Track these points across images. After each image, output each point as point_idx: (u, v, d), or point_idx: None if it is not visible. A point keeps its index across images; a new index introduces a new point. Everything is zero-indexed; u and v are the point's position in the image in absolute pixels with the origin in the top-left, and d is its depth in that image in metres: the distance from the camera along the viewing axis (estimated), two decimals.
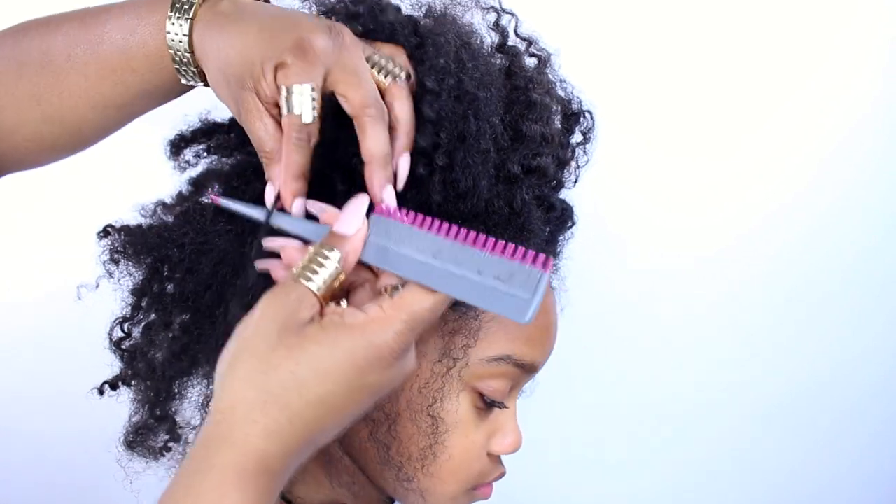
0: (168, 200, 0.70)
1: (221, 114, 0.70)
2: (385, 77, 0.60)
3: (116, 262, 0.70)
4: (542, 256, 0.52)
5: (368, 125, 0.57)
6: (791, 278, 1.42)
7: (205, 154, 0.71)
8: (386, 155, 0.58)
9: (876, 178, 1.41)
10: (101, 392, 0.73)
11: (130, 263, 0.70)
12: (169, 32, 0.62)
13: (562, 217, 0.72)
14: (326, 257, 0.54)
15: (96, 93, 0.66)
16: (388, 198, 0.57)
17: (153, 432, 0.71)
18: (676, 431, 1.43)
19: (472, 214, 0.64)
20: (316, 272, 0.53)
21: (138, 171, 0.77)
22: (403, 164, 0.59)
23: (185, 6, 0.61)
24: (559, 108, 0.71)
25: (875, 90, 1.39)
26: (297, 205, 0.58)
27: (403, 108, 0.60)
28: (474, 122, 0.62)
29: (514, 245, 0.52)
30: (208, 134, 0.71)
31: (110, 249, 0.70)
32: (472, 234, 0.53)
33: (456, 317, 0.66)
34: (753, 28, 1.34)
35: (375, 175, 0.57)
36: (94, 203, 0.88)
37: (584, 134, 0.72)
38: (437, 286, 0.52)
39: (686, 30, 1.33)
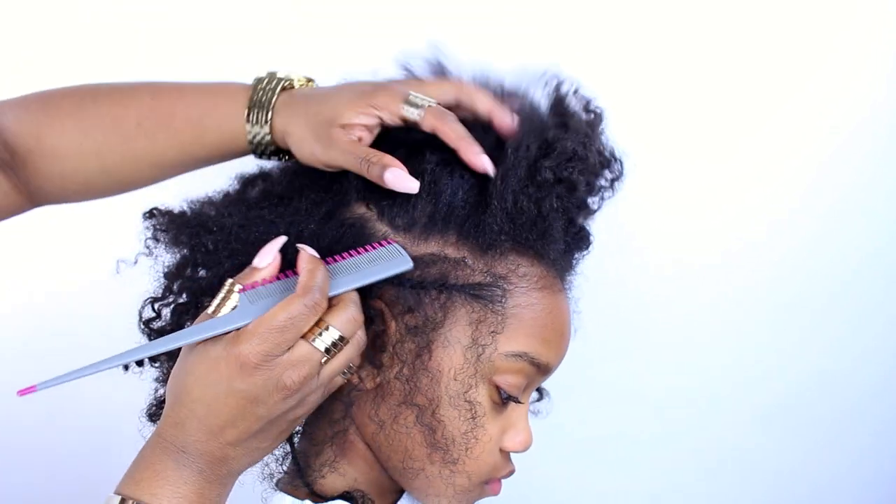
0: (215, 197, 0.76)
1: None
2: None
3: (157, 240, 0.75)
4: (383, 241, 0.68)
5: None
6: (793, 283, 1.42)
7: None
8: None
9: (880, 181, 1.41)
10: (126, 368, 0.74)
11: (170, 240, 0.74)
12: (248, 114, 0.74)
13: (579, 235, 0.76)
14: (224, 286, 0.65)
15: (159, 156, 0.77)
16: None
17: None
18: (679, 432, 1.44)
19: (501, 210, 0.69)
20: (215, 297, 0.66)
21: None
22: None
23: (264, 107, 0.74)
24: (597, 150, 0.76)
25: (878, 94, 1.39)
26: (486, 160, 0.68)
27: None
28: (511, 157, 0.69)
29: (367, 245, 0.67)
30: None
31: (154, 227, 0.75)
32: (349, 253, 0.67)
33: (479, 307, 0.69)
34: (762, 32, 1.35)
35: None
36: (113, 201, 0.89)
37: (612, 181, 0.77)
38: (346, 287, 0.65)
39: (700, 37, 1.34)
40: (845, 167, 1.40)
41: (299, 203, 0.71)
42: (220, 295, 0.65)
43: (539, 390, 0.84)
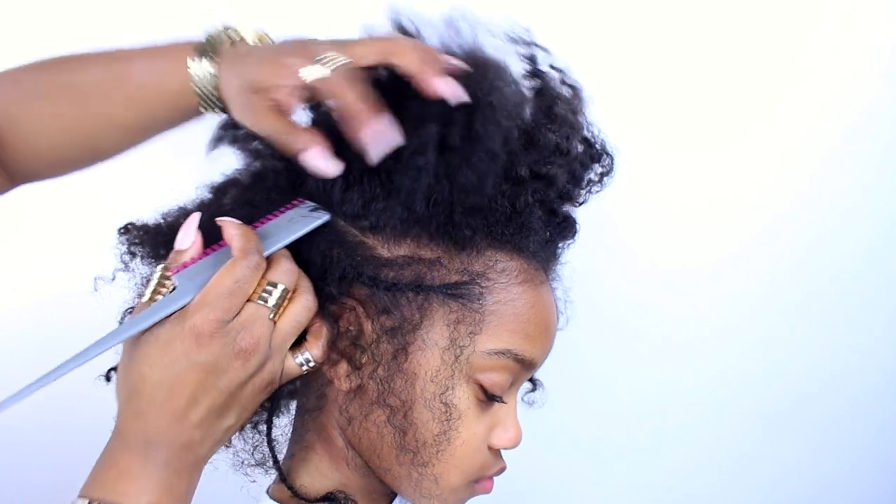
0: (189, 207, 0.74)
1: None
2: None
3: (134, 255, 0.74)
4: (295, 201, 0.69)
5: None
6: (793, 283, 1.42)
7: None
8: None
9: (880, 181, 1.41)
10: (107, 378, 0.74)
11: (147, 254, 0.74)
12: (191, 69, 0.71)
13: (563, 224, 0.74)
14: (154, 274, 0.66)
15: (119, 115, 0.75)
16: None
17: None
18: (679, 432, 1.44)
19: (475, 208, 0.68)
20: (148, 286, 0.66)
21: (155, 181, 0.82)
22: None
23: (210, 52, 0.71)
24: (584, 145, 0.74)
25: (878, 94, 1.39)
26: (373, 140, 0.64)
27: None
28: (481, 127, 0.65)
29: (281, 209, 0.68)
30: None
31: (129, 242, 0.74)
32: (266, 218, 0.68)
33: (457, 307, 0.68)
34: (763, 32, 1.35)
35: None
36: (102, 207, 0.89)
37: (601, 175, 0.76)
38: (276, 246, 0.65)
39: (699, 36, 1.34)
40: (845, 167, 1.40)
41: (267, 206, 0.70)
42: (153, 283, 0.65)
43: (532, 380, 0.84)
